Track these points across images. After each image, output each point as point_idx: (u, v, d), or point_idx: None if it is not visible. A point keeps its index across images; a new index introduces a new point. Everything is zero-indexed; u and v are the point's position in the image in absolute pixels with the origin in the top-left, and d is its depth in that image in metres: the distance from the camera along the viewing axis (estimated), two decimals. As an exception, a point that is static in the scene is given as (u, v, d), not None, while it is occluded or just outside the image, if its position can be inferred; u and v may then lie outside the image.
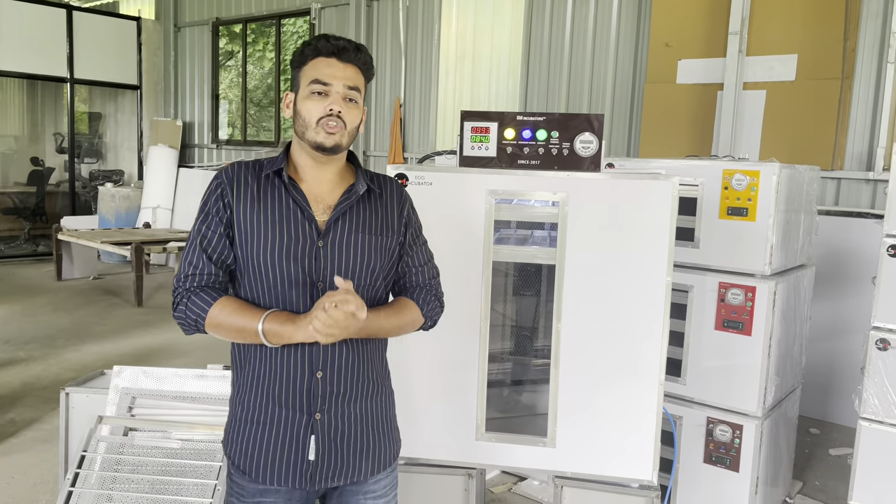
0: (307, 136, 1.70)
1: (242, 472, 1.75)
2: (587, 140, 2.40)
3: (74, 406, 3.02)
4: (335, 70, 1.69)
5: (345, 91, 1.69)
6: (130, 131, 11.36)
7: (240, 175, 1.74)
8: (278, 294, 1.69)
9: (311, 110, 1.68)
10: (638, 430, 2.44)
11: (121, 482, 2.53)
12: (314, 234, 1.70)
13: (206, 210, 1.72)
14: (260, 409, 1.73)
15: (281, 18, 9.73)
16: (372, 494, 1.84)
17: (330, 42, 1.70)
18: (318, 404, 1.71)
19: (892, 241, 2.80)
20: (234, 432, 1.78)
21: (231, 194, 1.71)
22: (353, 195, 1.76)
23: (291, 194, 1.72)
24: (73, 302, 7.68)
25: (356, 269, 1.73)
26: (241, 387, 1.77)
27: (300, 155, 1.76)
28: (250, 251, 1.70)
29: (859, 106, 5.15)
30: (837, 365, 4.88)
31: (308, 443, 1.71)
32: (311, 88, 1.69)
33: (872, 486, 2.89)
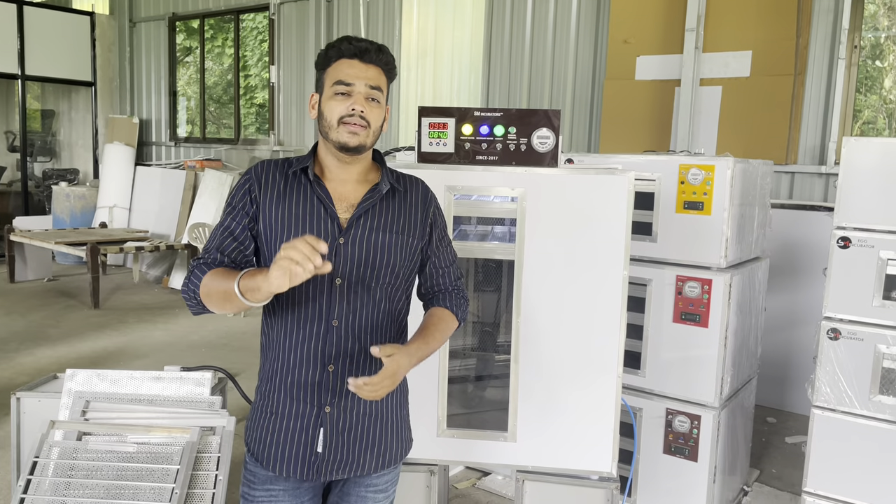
0: (331, 136, 1.74)
1: (256, 460, 1.82)
2: (544, 136, 2.42)
3: (26, 411, 2.94)
4: (357, 71, 1.73)
5: (367, 91, 1.73)
6: (85, 129, 11.09)
7: (268, 172, 1.80)
8: (298, 288, 1.68)
9: (334, 110, 1.72)
10: (597, 423, 2.46)
11: (75, 488, 2.47)
12: (335, 230, 1.74)
13: (233, 204, 1.78)
14: (275, 400, 1.80)
15: (239, 14, 9.59)
16: (374, 488, 1.91)
17: (352, 44, 1.75)
18: (328, 398, 1.77)
19: (841, 234, 2.87)
20: (252, 420, 1.86)
21: (258, 190, 1.77)
22: (376, 194, 1.80)
23: (316, 191, 1.76)
24: (26, 304, 7.48)
25: (376, 267, 1.77)
26: (263, 377, 1.84)
27: (325, 154, 1.81)
28: (273, 245, 1.74)
29: (812, 101, 5.27)
30: (793, 355, 4.99)
31: (317, 435, 1.77)
32: (334, 89, 1.73)
33: (826, 473, 2.96)
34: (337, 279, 1.74)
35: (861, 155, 2.82)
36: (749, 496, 3.77)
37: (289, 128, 9.02)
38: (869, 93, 5.75)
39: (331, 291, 1.74)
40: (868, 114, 5.73)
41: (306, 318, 1.75)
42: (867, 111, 5.73)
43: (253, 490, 1.85)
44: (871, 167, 2.80)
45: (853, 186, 2.84)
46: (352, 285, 1.75)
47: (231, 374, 2.80)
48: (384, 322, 1.81)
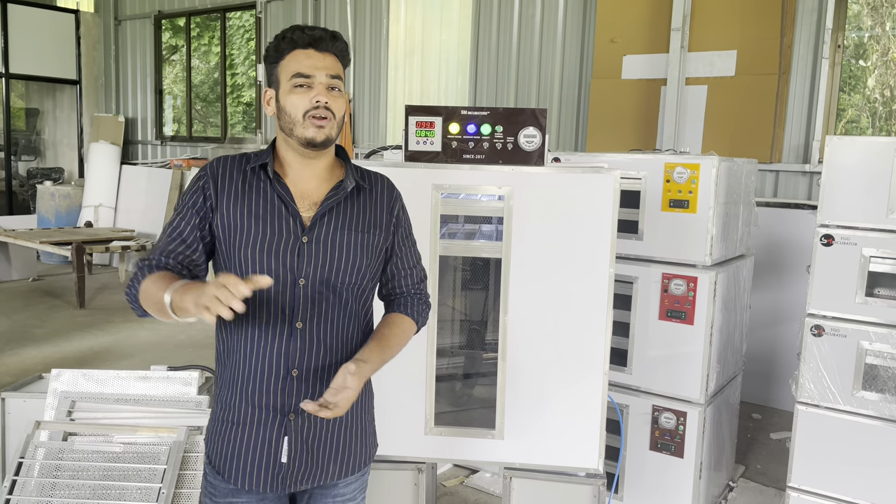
0: (295, 133, 1.67)
1: (217, 472, 1.74)
2: (531, 134, 2.43)
3: (11, 411, 2.93)
4: (315, 61, 1.66)
5: (328, 81, 1.66)
6: (70, 128, 11.01)
7: (224, 169, 1.71)
8: (263, 293, 1.64)
9: (297, 104, 1.65)
10: (584, 420, 2.48)
11: (61, 488, 2.46)
12: (298, 229, 1.67)
13: (185, 203, 1.70)
14: (236, 409, 1.71)
15: (226, 12, 9.55)
16: (341, 498, 1.82)
17: (305, 32, 1.67)
18: (292, 404, 1.68)
19: (825, 231, 2.91)
20: (212, 430, 1.76)
21: (213, 188, 1.69)
22: (340, 191, 1.73)
23: (276, 189, 1.69)
24: (11, 304, 7.42)
25: (341, 267, 1.70)
26: (222, 385, 1.75)
27: (286, 151, 1.73)
28: (233, 245, 1.67)
29: (796, 100, 5.32)
30: (778, 351, 5.04)
31: (281, 444, 1.69)
32: (293, 82, 1.65)
33: (810, 468, 2.99)
34: (301, 280, 1.66)
35: (844, 153, 2.85)
36: (734, 492, 3.80)
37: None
38: (853, 92, 5.80)
39: (294, 293, 1.66)
40: (852, 112, 5.79)
41: (268, 322, 1.66)
42: (851, 110, 5.78)
43: (215, 501, 1.76)
44: (853, 165, 2.83)
45: (836, 185, 2.88)
46: (316, 286, 1.68)
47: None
48: (350, 323, 1.74)
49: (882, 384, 2.82)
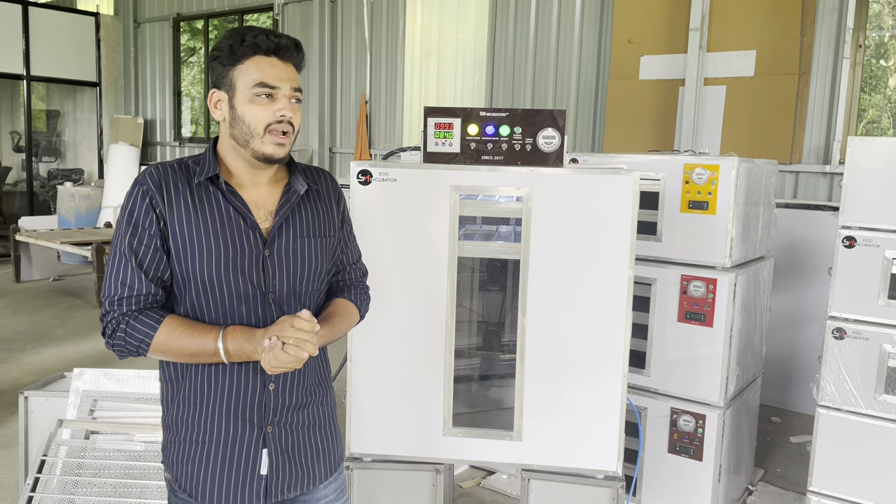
0: (252, 145, 1.56)
1: (190, 496, 1.65)
2: (549, 135, 2.42)
3: (34, 410, 2.96)
4: (279, 71, 1.56)
5: (291, 93, 1.58)
6: (90, 129, 11.13)
7: (168, 180, 1.56)
8: (227, 309, 1.58)
9: (258, 116, 1.54)
10: (603, 422, 2.47)
11: (83, 486, 2.49)
12: (259, 243, 1.60)
13: (134, 222, 1.54)
14: (206, 428, 1.62)
15: (243, 14, 9.62)
16: (325, 500, 1.80)
17: (270, 38, 1.55)
18: (269, 417, 1.64)
19: (846, 233, 2.87)
20: (177, 454, 1.65)
21: (162, 203, 1.54)
22: (293, 196, 1.66)
23: (231, 202, 1.59)
24: (32, 304, 7.51)
25: (304, 275, 1.66)
26: (180, 405, 1.64)
27: (234, 159, 1.62)
28: (192, 266, 1.55)
29: (816, 101, 5.27)
30: (797, 354, 4.99)
31: (259, 457, 1.64)
32: (255, 91, 1.54)
33: (831, 473, 2.96)
34: (269, 294, 1.60)
35: (866, 154, 2.82)
36: (754, 495, 3.77)
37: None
38: (873, 92, 5.74)
39: (265, 308, 1.60)
40: (873, 113, 5.72)
41: None
42: (872, 110, 5.72)
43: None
44: (876, 167, 2.80)
45: (858, 186, 2.84)
46: (284, 297, 1.62)
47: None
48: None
49: (905, 388, 2.78)
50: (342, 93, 8.41)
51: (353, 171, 2.43)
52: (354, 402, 2.53)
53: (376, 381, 2.51)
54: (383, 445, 2.54)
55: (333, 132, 8.57)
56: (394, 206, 2.43)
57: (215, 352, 1.52)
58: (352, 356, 2.51)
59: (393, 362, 2.52)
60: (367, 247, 2.41)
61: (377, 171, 2.44)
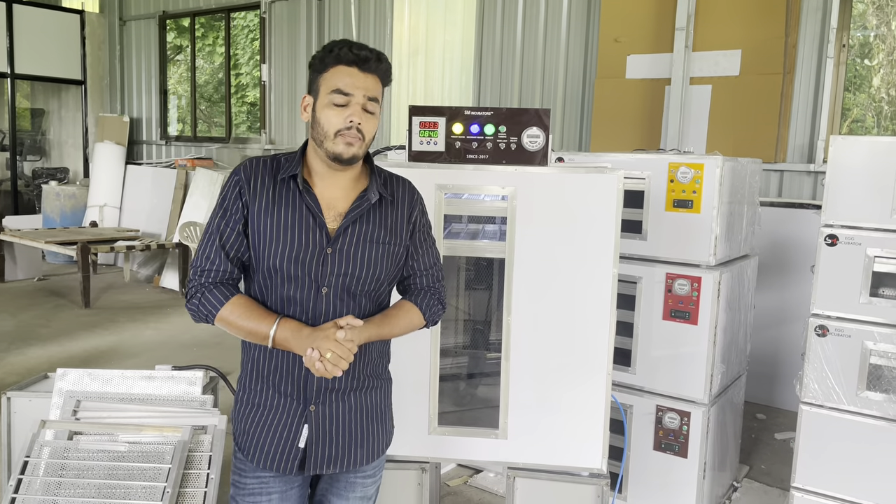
0: (325, 146, 1.72)
1: (241, 451, 1.85)
2: (534, 134, 2.43)
3: (16, 411, 2.94)
4: (356, 80, 1.70)
5: (364, 102, 1.71)
6: (75, 128, 11.04)
7: (257, 174, 1.77)
8: (283, 294, 1.75)
9: (331, 120, 1.70)
10: (588, 420, 2.48)
11: (66, 487, 2.47)
12: (324, 240, 1.75)
13: (225, 206, 1.76)
14: (260, 394, 1.81)
15: (230, 12, 9.57)
16: (362, 474, 1.94)
17: (353, 51, 1.70)
18: (313, 396, 1.80)
19: (829, 231, 2.90)
20: (237, 411, 1.87)
21: (249, 193, 1.75)
22: (364, 202, 1.79)
23: (305, 200, 1.75)
24: (16, 304, 7.45)
25: (361, 277, 1.79)
26: (246, 368, 1.85)
27: (315, 159, 1.78)
28: (263, 252, 1.75)
29: (800, 100, 5.30)
30: (782, 351, 5.03)
31: (300, 431, 1.79)
32: (331, 98, 1.70)
33: (814, 469, 2.99)
34: (324, 288, 1.75)
35: (848, 153, 2.85)
36: (739, 492, 3.80)
37: (280, 126, 9.00)
38: (858, 91, 5.79)
39: (317, 299, 1.76)
40: (857, 112, 5.77)
41: None
42: (856, 109, 5.77)
43: (244, 478, 1.86)
44: (858, 165, 2.83)
45: (841, 184, 2.87)
46: (338, 293, 1.77)
47: (223, 373, 2.81)
48: None
49: (886, 384, 2.81)
50: (329, 91, 8.38)
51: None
52: (340, 402, 2.53)
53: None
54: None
55: (321, 131, 8.54)
56: (379, 204, 2.43)
57: (266, 336, 1.72)
58: (337, 355, 2.51)
59: (378, 361, 2.52)
60: (352, 246, 2.41)
61: (362, 169, 2.43)
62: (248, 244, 1.76)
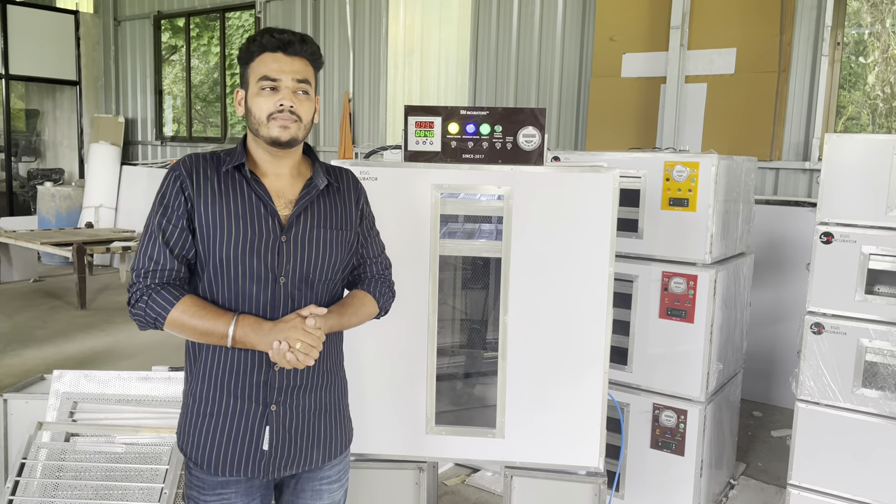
0: (261, 133, 1.71)
1: (199, 466, 1.77)
2: (530, 134, 2.43)
3: (13, 412, 2.94)
4: (282, 64, 1.69)
5: (294, 85, 1.70)
6: (70, 128, 11.01)
7: (199, 167, 1.72)
8: (239, 288, 1.70)
9: (262, 106, 1.69)
10: (585, 419, 2.48)
11: (63, 489, 2.47)
12: (277, 228, 1.72)
13: (166, 203, 1.70)
14: (214, 402, 1.74)
15: (225, 12, 9.55)
16: (327, 480, 1.89)
17: (275, 36, 1.70)
18: (273, 396, 1.75)
19: (824, 229, 2.91)
20: (187, 425, 1.78)
21: (191, 187, 1.70)
22: (312, 189, 1.78)
23: (254, 189, 1.72)
24: (12, 305, 7.43)
25: (318, 264, 1.76)
26: (194, 379, 1.77)
27: (256, 149, 1.76)
28: (212, 246, 1.69)
29: (795, 98, 5.31)
30: (778, 349, 5.04)
31: (262, 434, 1.74)
32: (260, 85, 1.69)
33: (810, 466, 3.00)
34: (281, 278, 1.72)
35: (843, 151, 2.86)
36: (735, 489, 3.81)
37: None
38: (853, 89, 5.80)
39: (275, 291, 1.72)
40: (852, 109, 5.79)
41: None
42: (851, 107, 5.78)
43: (203, 495, 1.78)
44: (853, 163, 2.83)
45: (836, 182, 2.88)
46: (296, 283, 1.73)
47: (219, 374, 2.80)
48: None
49: (882, 381, 2.82)
50: (325, 90, 8.38)
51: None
52: (337, 402, 2.53)
53: (359, 380, 2.51)
54: (366, 444, 2.54)
55: (316, 130, 8.54)
56: (375, 204, 2.42)
57: (224, 335, 1.65)
58: (334, 355, 2.51)
59: (375, 360, 2.52)
60: (348, 246, 2.41)
61: (358, 169, 2.43)
62: (192, 240, 1.70)
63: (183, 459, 2.50)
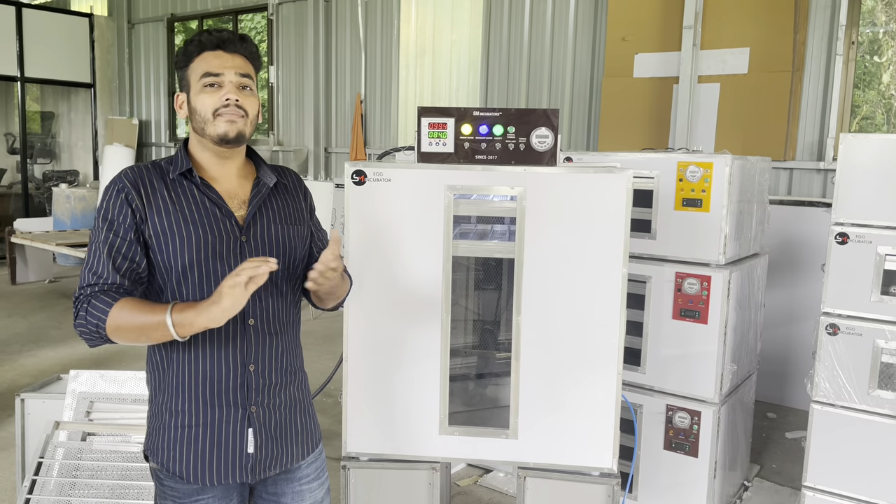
0: (207, 131, 1.68)
1: (179, 477, 1.72)
2: (543, 135, 2.43)
3: (30, 412, 2.96)
4: (223, 61, 1.68)
5: (238, 79, 1.69)
6: (85, 131, 11.11)
7: (143, 179, 1.68)
8: (204, 293, 1.66)
9: (206, 103, 1.67)
10: (598, 420, 2.48)
11: (80, 488, 2.50)
12: (235, 229, 1.71)
13: (111, 218, 1.64)
14: (192, 413, 1.71)
15: (238, 14, 9.60)
16: (306, 479, 1.90)
17: (213, 35, 1.70)
18: (252, 397, 1.74)
19: (839, 230, 2.89)
20: (164, 440, 1.73)
21: (139, 199, 1.65)
22: (263, 188, 1.77)
23: (206, 193, 1.70)
24: (28, 306, 7.50)
25: (280, 260, 1.76)
26: (166, 392, 1.73)
27: (201, 152, 1.74)
28: (173, 255, 1.65)
29: (809, 97, 5.28)
30: (793, 350, 5.01)
31: (246, 436, 1.74)
32: (203, 82, 1.67)
33: (825, 468, 2.98)
34: None
35: (858, 151, 2.84)
36: (749, 491, 3.79)
37: (288, 128, 9.03)
38: (867, 88, 5.76)
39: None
40: (867, 109, 5.74)
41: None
42: (866, 106, 5.74)
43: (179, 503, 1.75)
44: (868, 163, 2.81)
45: (851, 182, 2.86)
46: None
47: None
48: (289, 311, 1.83)
49: (898, 383, 2.80)
50: (337, 92, 8.41)
51: (347, 171, 2.44)
52: (350, 402, 2.54)
53: (372, 381, 2.52)
54: (380, 444, 2.55)
55: (328, 132, 8.57)
56: (388, 206, 2.44)
57: (162, 323, 1.54)
58: (347, 356, 2.52)
59: (389, 361, 2.53)
60: (361, 246, 2.42)
61: (371, 171, 2.44)
62: (142, 253, 1.65)
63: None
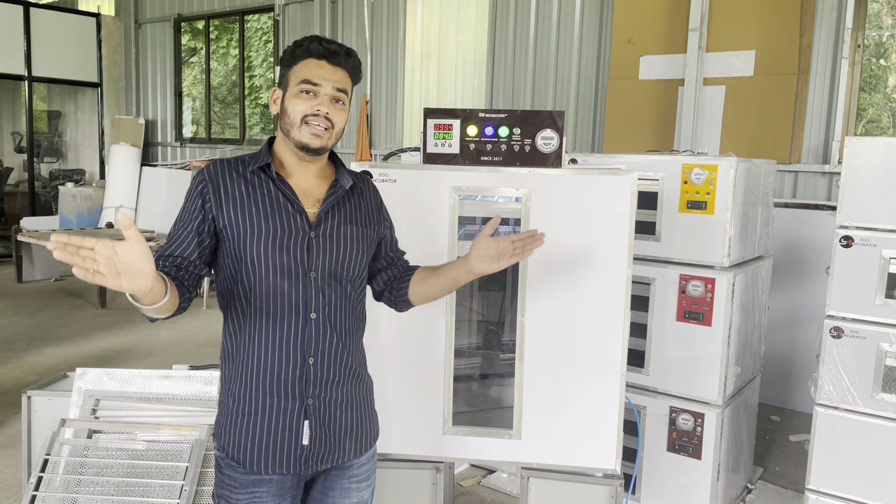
0: (292, 135, 1.75)
1: (237, 464, 1.80)
2: (548, 136, 2.44)
3: (37, 409, 2.98)
4: (325, 72, 1.74)
5: (333, 93, 1.74)
6: (91, 130, 11.15)
7: (223, 173, 1.77)
8: (270, 284, 1.74)
9: (298, 108, 1.73)
10: (601, 421, 2.48)
11: (86, 485, 2.51)
12: (306, 225, 1.76)
13: (185, 207, 1.77)
14: (252, 400, 1.78)
15: (244, 14, 9.63)
16: (356, 479, 1.93)
17: (322, 45, 1.75)
18: (310, 390, 1.78)
19: (844, 233, 2.89)
20: (227, 425, 1.82)
21: (212, 193, 1.74)
22: (339, 189, 1.83)
23: (280, 188, 1.77)
24: (34, 304, 7.53)
25: (346, 259, 1.82)
26: (231, 380, 1.81)
27: (284, 151, 1.81)
28: (244, 245, 1.73)
29: (815, 100, 5.28)
30: (797, 353, 5.00)
31: (302, 428, 1.78)
32: (300, 87, 1.73)
33: (829, 471, 2.98)
34: (311, 272, 1.76)
35: (863, 154, 2.84)
36: (753, 494, 3.79)
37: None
38: (873, 91, 5.75)
39: (307, 285, 1.76)
40: (872, 112, 5.73)
41: (283, 314, 1.75)
42: (871, 109, 5.73)
43: (235, 494, 1.81)
44: (873, 166, 2.81)
45: (856, 186, 2.86)
46: (325, 278, 1.78)
47: (239, 373, 2.83)
48: (352, 310, 1.87)
49: (902, 386, 2.80)
50: (343, 93, 8.42)
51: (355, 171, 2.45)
52: (355, 401, 2.55)
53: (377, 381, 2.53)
54: (384, 444, 2.56)
55: (334, 132, 8.58)
56: (394, 206, 2.44)
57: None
58: (352, 355, 2.53)
59: (393, 362, 2.54)
60: (367, 247, 2.43)
61: (377, 171, 2.45)
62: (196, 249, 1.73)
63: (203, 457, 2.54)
